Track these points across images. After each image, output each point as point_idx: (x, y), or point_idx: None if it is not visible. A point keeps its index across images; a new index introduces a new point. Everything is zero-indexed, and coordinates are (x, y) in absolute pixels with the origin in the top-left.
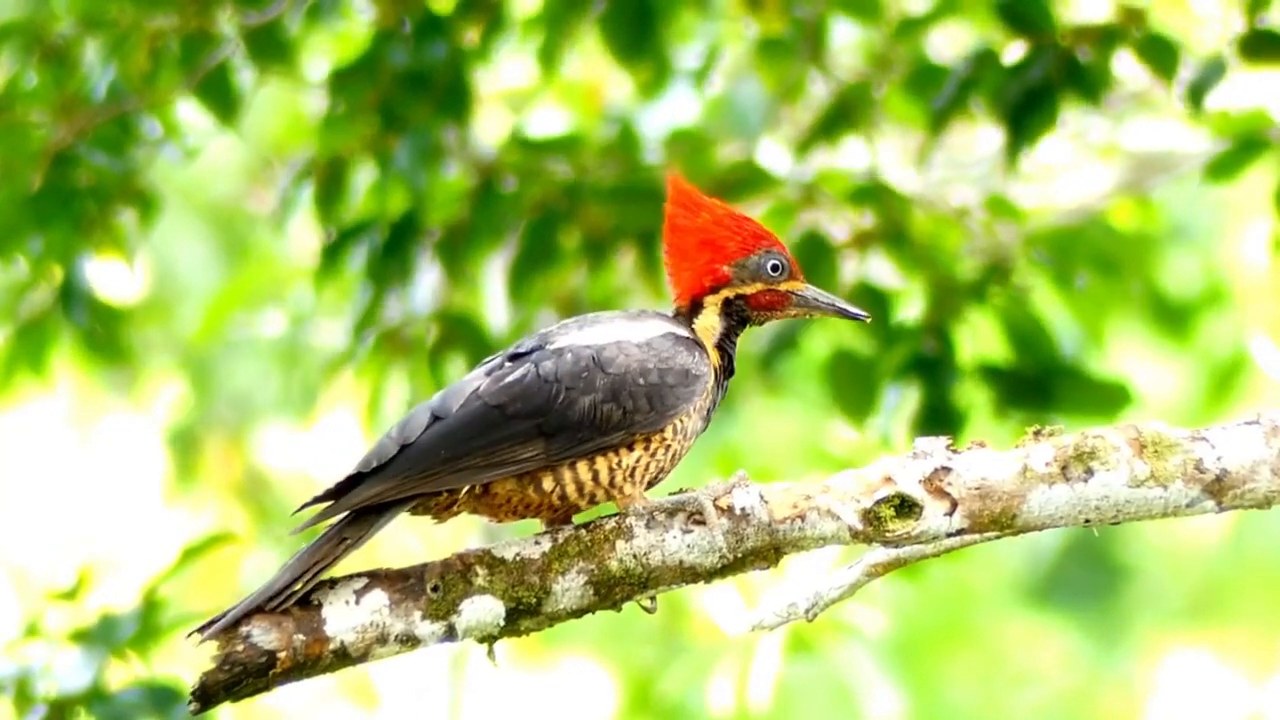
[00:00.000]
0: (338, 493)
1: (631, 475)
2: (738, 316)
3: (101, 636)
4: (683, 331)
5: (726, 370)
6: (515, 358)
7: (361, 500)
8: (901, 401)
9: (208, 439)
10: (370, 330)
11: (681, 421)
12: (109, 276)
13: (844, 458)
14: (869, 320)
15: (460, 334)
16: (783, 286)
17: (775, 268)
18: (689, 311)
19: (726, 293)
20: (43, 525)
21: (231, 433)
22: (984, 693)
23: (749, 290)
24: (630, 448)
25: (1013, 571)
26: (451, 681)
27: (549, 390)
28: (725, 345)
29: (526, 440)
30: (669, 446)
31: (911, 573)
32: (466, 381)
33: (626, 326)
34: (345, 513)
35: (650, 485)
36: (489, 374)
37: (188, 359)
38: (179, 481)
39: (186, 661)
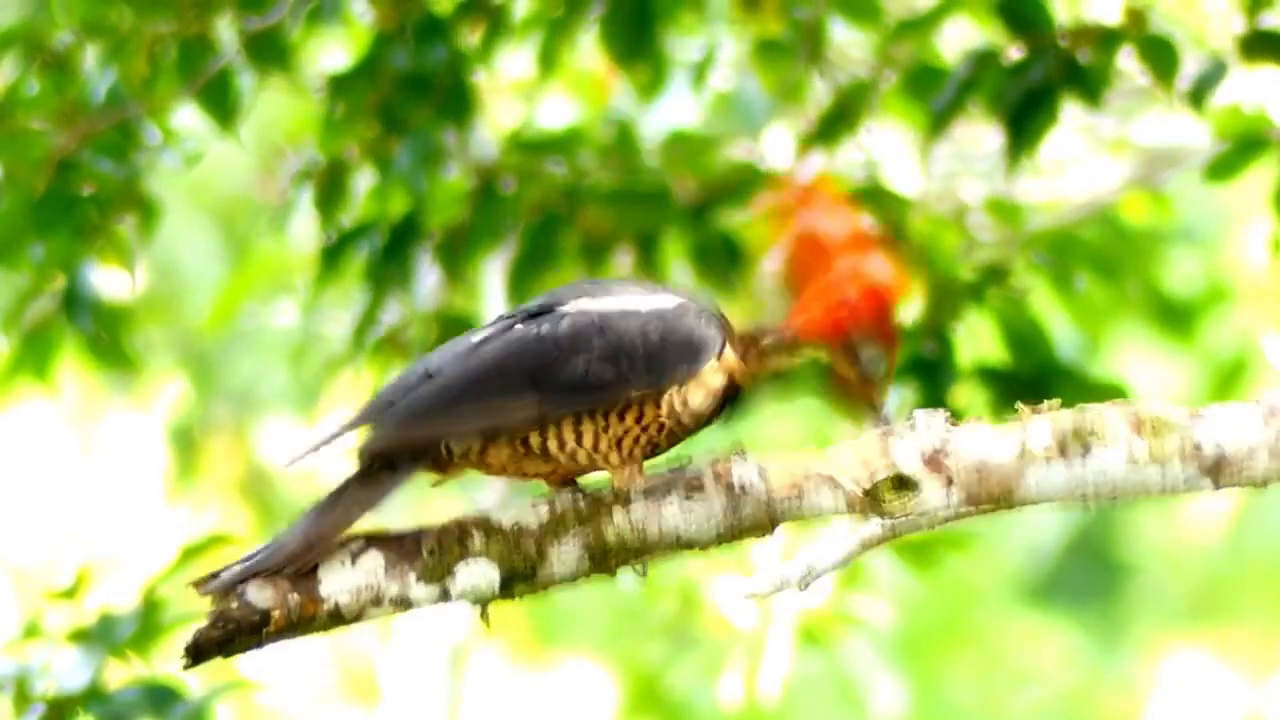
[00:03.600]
0: (332, 440)
1: (618, 445)
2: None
3: (100, 636)
4: (698, 305)
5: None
6: (527, 318)
7: (356, 448)
8: (900, 402)
9: (210, 436)
10: (371, 331)
11: (680, 394)
12: (112, 280)
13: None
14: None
15: (459, 335)
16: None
17: (883, 359)
18: (776, 343)
19: (825, 357)
20: (43, 525)
21: (234, 429)
22: (984, 691)
23: (842, 366)
24: (621, 416)
25: (1013, 570)
26: (451, 680)
27: (547, 348)
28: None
29: (520, 393)
30: (662, 423)
31: (925, 561)
32: (469, 340)
33: (639, 294)
34: (354, 474)
35: (645, 458)
36: (494, 331)
37: (190, 355)
38: (180, 479)
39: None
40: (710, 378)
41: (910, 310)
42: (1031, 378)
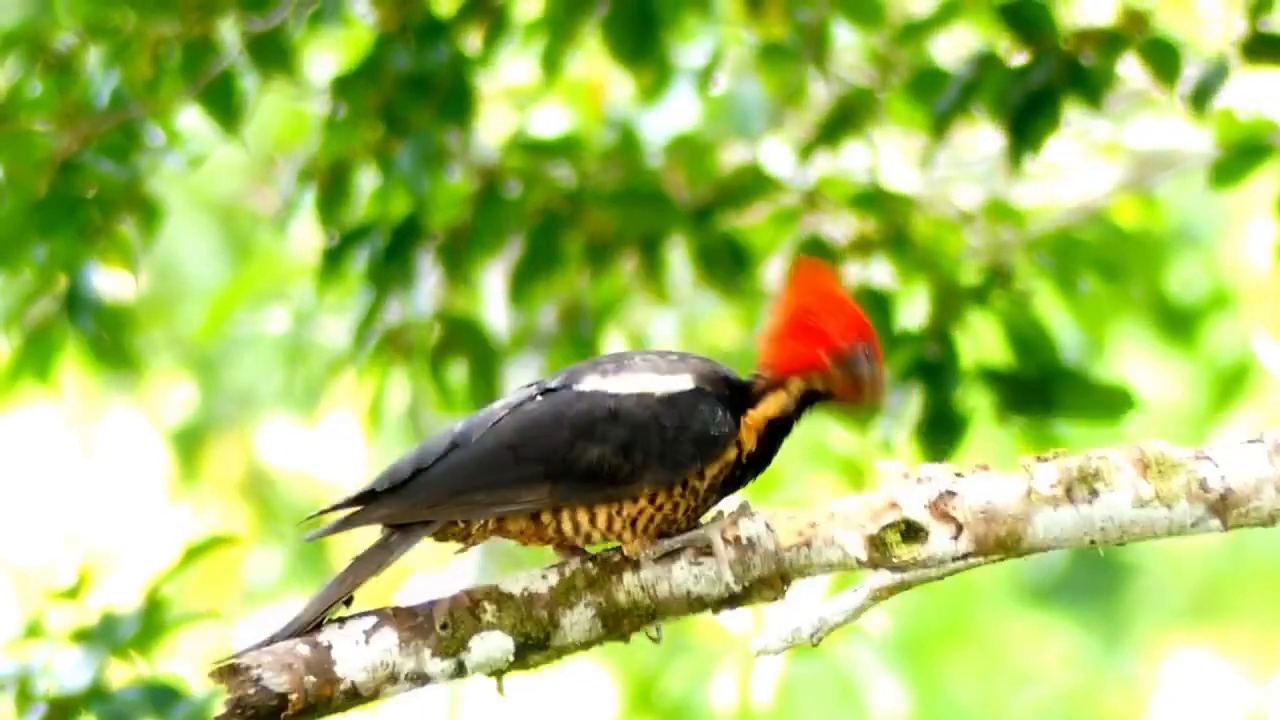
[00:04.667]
0: (353, 505)
1: (632, 525)
2: (812, 401)
3: (103, 636)
4: (711, 388)
5: (759, 459)
6: (545, 393)
7: (372, 519)
8: (903, 406)
9: (211, 437)
10: (372, 333)
11: (693, 480)
12: (113, 280)
13: (848, 456)
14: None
15: (461, 337)
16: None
17: (868, 357)
18: (765, 386)
19: (818, 383)
20: (43, 525)
21: (235, 430)
22: (985, 691)
23: (836, 384)
24: (634, 499)
25: (1014, 570)
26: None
27: (561, 436)
28: (776, 431)
29: (532, 483)
30: (675, 503)
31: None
32: (491, 412)
33: (654, 379)
34: (369, 537)
35: (660, 535)
36: (514, 407)
37: (191, 356)
38: (182, 479)
39: (188, 660)
40: (726, 454)
41: (913, 314)
42: (1036, 380)
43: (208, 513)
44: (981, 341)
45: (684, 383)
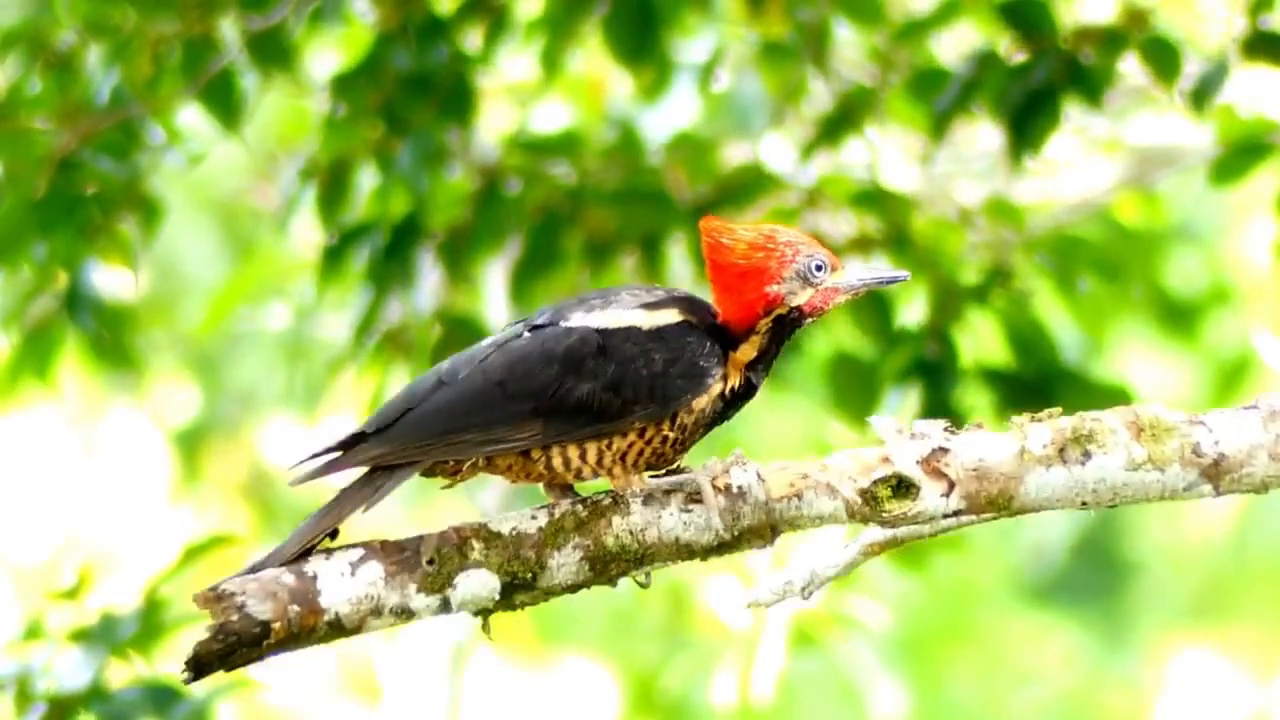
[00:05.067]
0: (340, 449)
1: (622, 459)
2: (790, 328)
3: (103, 636)
4: (696, 320)
5: (743, 393)
6: (533, 329)
7: (361, 461)
8: (902, 404)
9: (212, 437)
10: (372, 331)
11: (681, 414)
12: (113, 279)
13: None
14: (909, 278)
15: (461, 336)
16: (829, 283)
17: (819, 267)
18: (736, 336)
19: (780, 311)
20: (43, 525)
21: (236, 430)
22: (986, 691)
23: (801, 301)
24: (624, 434)
25: (1016, 569)
26: (452, 679)
27: (550, 372)
28: (758, 366)
29: (523, 420)
30: (665, 436)
31: (915, 562)
32: (478, 350)
33: (640, 313)
34: (354, 473)
35: (649, 469)
36: (500, 344)
37: (192, 355)
38: (183, 479)
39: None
40: (713, 386)
41: (912, 312)
42: (1035, 380)
43: (209, 513)
44: (981, 341)
45: (671, 316)
